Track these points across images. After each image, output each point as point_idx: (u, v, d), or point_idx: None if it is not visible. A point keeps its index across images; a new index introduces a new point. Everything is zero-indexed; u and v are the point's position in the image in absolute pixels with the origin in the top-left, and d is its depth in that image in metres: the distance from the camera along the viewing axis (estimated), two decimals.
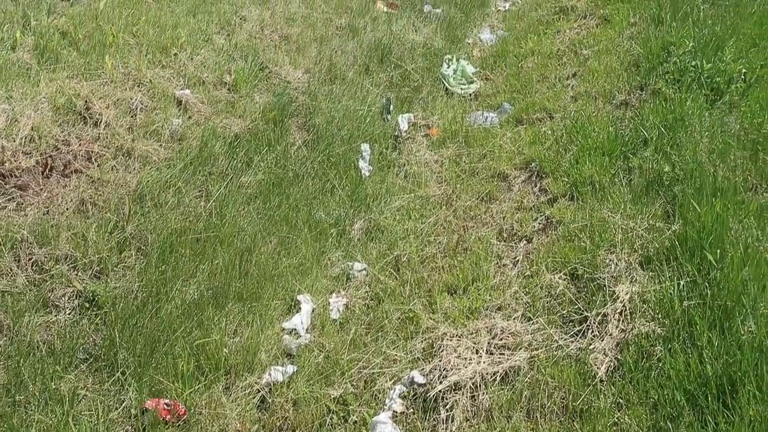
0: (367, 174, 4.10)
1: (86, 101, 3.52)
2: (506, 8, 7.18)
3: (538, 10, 6.45)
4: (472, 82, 5.33)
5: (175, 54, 4.23)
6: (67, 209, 3.05)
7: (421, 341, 2.80)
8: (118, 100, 3.66)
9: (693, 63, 3.97)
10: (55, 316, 2.67)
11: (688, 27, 4.50)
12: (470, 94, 5.19)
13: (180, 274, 2.98)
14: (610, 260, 2.76)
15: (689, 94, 3.76)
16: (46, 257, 2.81)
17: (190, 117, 3.87)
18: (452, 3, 6.70)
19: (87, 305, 2.75)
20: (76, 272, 2.83)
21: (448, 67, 5.45)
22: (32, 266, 2.78)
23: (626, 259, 2.74)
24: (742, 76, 3.88)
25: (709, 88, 3.85)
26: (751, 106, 3.58)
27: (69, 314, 2.70)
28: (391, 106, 4.77)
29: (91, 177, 3.23)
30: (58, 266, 2.79)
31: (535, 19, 6.22)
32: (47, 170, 3.15)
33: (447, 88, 5.26)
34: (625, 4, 5.38)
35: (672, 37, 4.28)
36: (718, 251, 2.52)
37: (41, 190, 3.07)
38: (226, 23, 4.84)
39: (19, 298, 2.66)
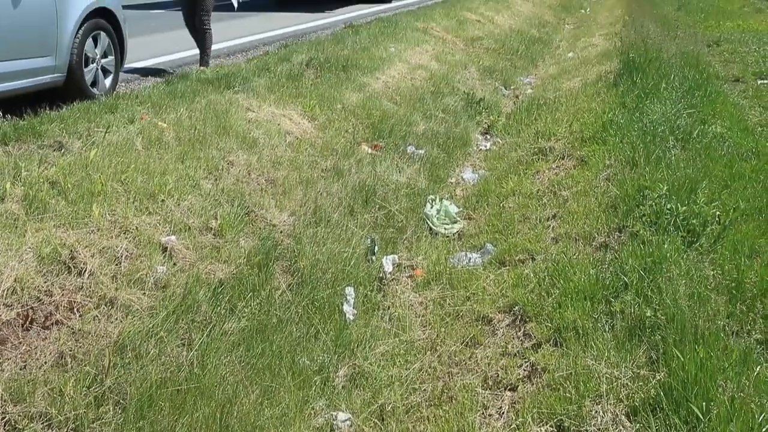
0: (352, 318, 4.09)
1: (71, 250, 3.54)
2: (487, 147, 7.44)
3: (517, 150, 6.68)
4: (455, 222, 5.43)
5: (162, 200, 4.31)
6: (46, 363, 3.00)
7: None
8: (103, 248, 3.69)
9: (668, 206, 4.08)
10: None
11: (662, 170, 4.66)
12: (454, 234, 5.28)
13: (158, 430, 2.90)
14: (596, 411, 2.73)
15: (666, 237, 3.85)
16: (20, 415, 2.74)
17: (174, 264, 3.89)
18: (435, 143, 6.93)
19: None
20: (50, 431, 2.75)
21: (431, 207, 5.57)
22: (5, 426, 2.70)
23: (612, 410, 2.71)
24: (717, 219, 3.98)
25: (685, 231, 3.94)
26: (727, 249, 3.66)
27: None
28: (376, 248, 4.82)
29: (72, 328, 3.20)
30: (32, 425, 2.72)
31: (515, 159, 6.43)
32: (27, 322, 3.13)
33: (431, 228, 5.35)
34: (601, 146, 5.59)
35: (646, 181, 4.42)
36: (704, 404, 2.50)
37: (20, 343, 3.03)
38: (214, 168, 4.95)
39: None
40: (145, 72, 7.74)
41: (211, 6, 7.77)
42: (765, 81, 8.91)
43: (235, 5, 7.91)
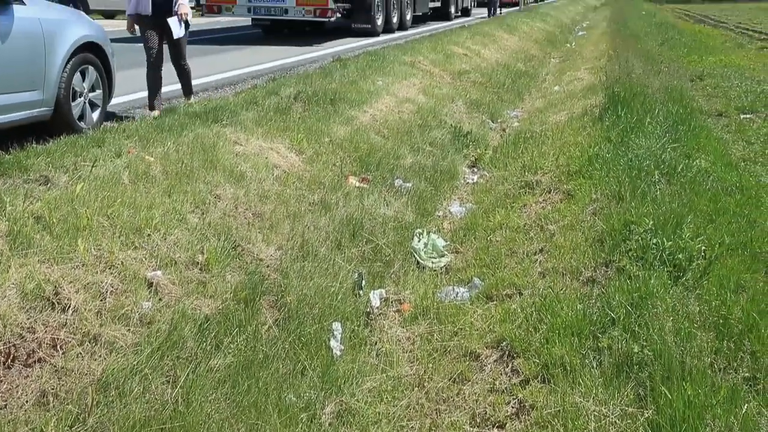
0: (339, 354, 4.06)
1: (56, 286, 3.51)
2: (474, 181, 7.47)
3: (504, 183, 6.71)
4: (442, 256, 5.43)
5: (149, 235, 4.28)
6: (27, 402, 2.96)
7: None
8: (88, 283, 3.66)
9: (654, 241, 4.10)
10: None
11: (647, 204, 4.69)
12: (441, 268, 5.27)
13: None
14: None
15: (653, 272, 3.86)
16: None
17: (160, 299, 3.86)
18: (422, 176, 6.95)
19: None
20: None
21: (419, 241, 5.57)
22: None
23: None
24: (702, 254, 4.00)
25: (671, 265, 3.96)
26: (713, 285, 3.68)
27: None
28: (363, 282, 4.81)
29: (55, 366, 3.16)
30: None
31: (502, 192, 6.46)
32: (9, 360, 3.09)
33: (418, 262, 5.34)
34: (587, 180, 5.62)
35: (632, 216, 4.44)
36: None
37: (1, 382, 2.98)
38: (201, 202, 4.94)
39: None
40: (133, 105, 7.75)
41: (185, 42, 7.42)
42: (748, 115, 9.03)
43: (175, 34, 7.10)
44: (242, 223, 5.02)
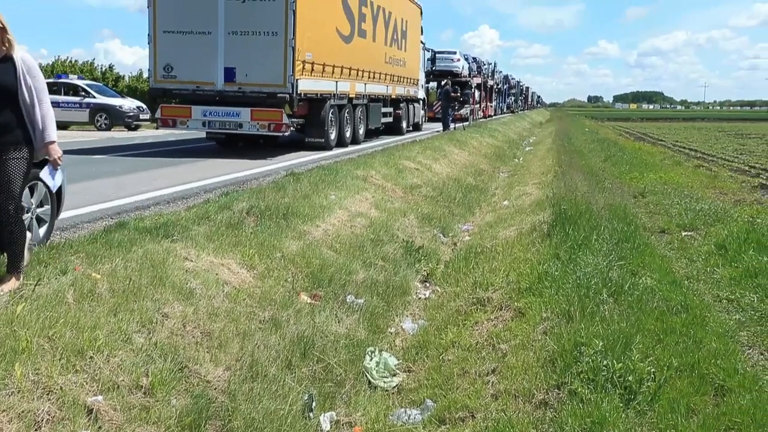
0: None
1: None
2: (426, 296, 7.49)
3: (456, 299, 6.74)
4: (395, 375, 5.36)
5: (91, 357, 4.14)
6: None
7: None
8: (23, 412, 3.48)
9: (605, 362, 4.12)
10: None
11: (597, 324, 4.74)
12: (393, 387, 5.19)
13: None
14: None
15: (605, 395, 3.86)
16: None
17: (100, 427, 3.69)
18: (374, 292, 6.94)
19: None
20: None
21: (371, 360, 5.50)
22: None
23: None
24: (652, 376, 4.03)
25: (622, 388, 3.97)
26: (664, 408, 3.68)
27: None
28: (314, 404, 4.69)
29: None
30: None
31: (454, 309, 6.47)
32: None
33: (370, 382, 5.26)
34: (537, 298, 5.68)
35: (582, 337, 4.48)
36: None
37: None
38: (148, 321, 4.82)
39: None
40: (83, 220, 7.62)
41: (21, 188, 4.80)
42: (689, 233, 9.33)
43: (51, 185, 5.41)
44: (190, 342, 4.89)
